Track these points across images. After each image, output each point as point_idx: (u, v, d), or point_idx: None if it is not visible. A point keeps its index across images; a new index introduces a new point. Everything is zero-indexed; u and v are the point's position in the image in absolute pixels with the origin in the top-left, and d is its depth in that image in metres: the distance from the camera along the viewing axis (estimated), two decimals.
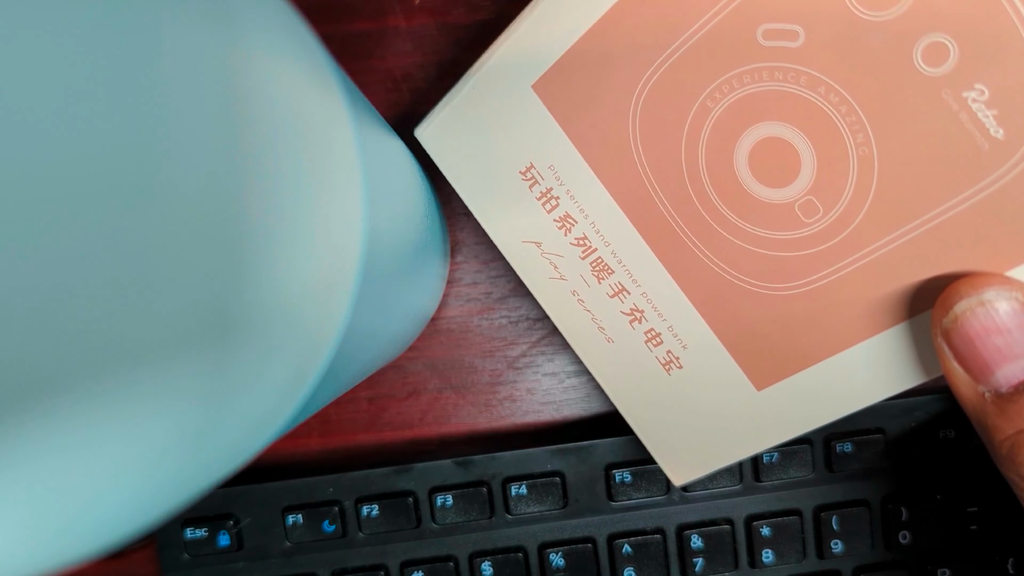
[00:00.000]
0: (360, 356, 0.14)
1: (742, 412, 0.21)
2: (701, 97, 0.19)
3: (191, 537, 0.25)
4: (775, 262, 0.19)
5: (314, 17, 0.25)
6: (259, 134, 0.08)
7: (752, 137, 0.18)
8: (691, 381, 0.21)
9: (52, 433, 0.06)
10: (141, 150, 0.06)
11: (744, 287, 0.20)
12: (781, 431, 0.21)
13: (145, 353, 0.07)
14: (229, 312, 0.08)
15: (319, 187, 0.09)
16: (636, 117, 0.19)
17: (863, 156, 0.17)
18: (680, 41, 0.18)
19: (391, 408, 0.27)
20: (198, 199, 0.07)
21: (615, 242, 0.21)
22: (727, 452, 0.22)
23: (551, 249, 0.22)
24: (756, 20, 0.18)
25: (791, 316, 0.19)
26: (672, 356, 0.21)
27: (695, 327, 0.21)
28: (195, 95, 0.07)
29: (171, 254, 0.07)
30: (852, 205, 0.18)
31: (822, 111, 0.18)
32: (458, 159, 0.22)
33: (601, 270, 0.21)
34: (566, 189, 0.21)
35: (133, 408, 0.07)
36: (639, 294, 0.21)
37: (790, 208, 0.19)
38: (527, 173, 0.21)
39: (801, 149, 0.18)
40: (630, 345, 0.22)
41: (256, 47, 0.08)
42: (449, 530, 0.25)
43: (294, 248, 0.09)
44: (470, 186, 0.22)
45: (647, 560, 0.25)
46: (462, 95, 0.21)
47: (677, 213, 0.20)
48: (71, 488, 0.07)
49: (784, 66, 0.18)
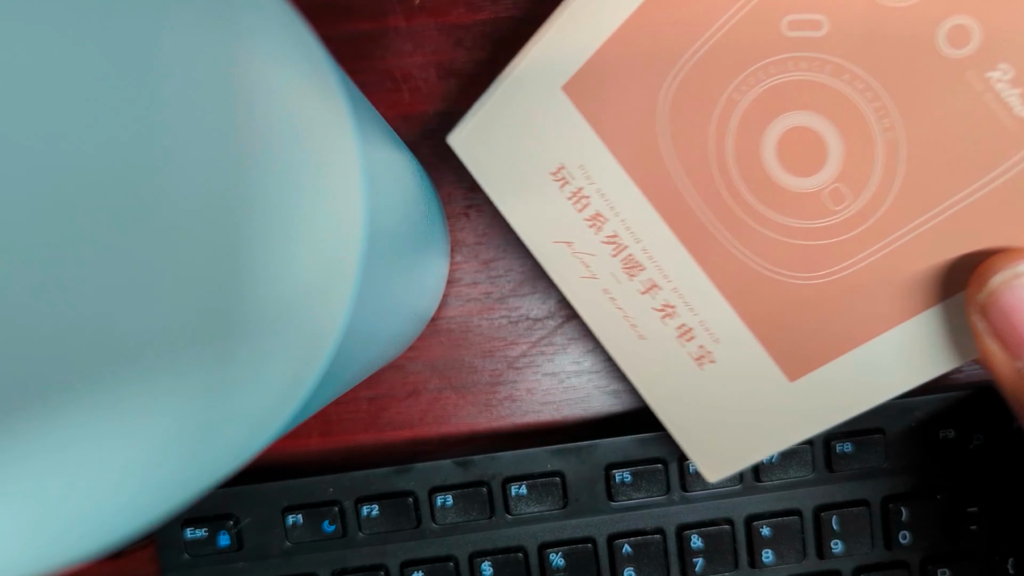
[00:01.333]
0: (360, 356, 0.14)
1: (776, 404, 0.21)
2: (727, 91, 0.19)
3: (191, 537, 0.25)
4: (805, 251, 0.19)
5: (314, 17, 0.25)
6: (259, 134, 0.08)
7: (779, 128, 0.19)
8: (724, 375, 0.21)
9: (52, 433, 0.06)
10: (141, 150, 0.06)
11: (774, 277, 0.20)
12: (816, 422, 0.21)
13: (145, 353, 0.07)
14: (229, 312, 0.08)
15: (319, 187, 0.09)
16: (665, 114, 0.20)
17: (889, 141, 0.18)
18: (705, 37, 0.19)
19: (391, 408, 0.27)
20: (198, 199, 0.07)
21: (646, 238, 0.21)
22: (762, 446, 0.22)
23: (582, 248, 0.22)
24: (780, 12, 0.18)
25: (822, 305, 0.19)
26: (704, 350, 0.21)
27: (726, 320, 0.21)
28: (195, 95, 0.07)
29: (171, 254, 0.07)
30: (880, 191, 0.18)
31: (848, 98, 0.18)
32: (490, 163, 0.22)
33: (632, 267, 0.21)
34: (597, 188, 0.21)
35: (133, 408, 0.07)
36: (670, 289, 0.21)
37: (818, 196, 0.19)
38: (558, 173, 0.21)
39: (828, 137, 0.18)
40: (662, 341, 0.22)
41: (256, 47, 0.08)
42: (449, 530, 0.25)
43: (294, 248, 0.09)
44: (501, 189, 0.22)
45: (647, 560, 0.25)
46: (493, 100, 0.21)
47: (707, 206, 0.20)
48: (71, 488, 0.07)
49: (809, 56, 0.18)
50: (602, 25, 0.19)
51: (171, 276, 0.07)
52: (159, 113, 0.07)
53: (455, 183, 0.26)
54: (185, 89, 0.07)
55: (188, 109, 0.07)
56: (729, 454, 0.22)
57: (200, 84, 0.07)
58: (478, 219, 0.26)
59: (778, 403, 0.21)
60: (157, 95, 0.07)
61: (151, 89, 0.07)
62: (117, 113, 0.06)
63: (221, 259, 0.07)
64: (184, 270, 0.07)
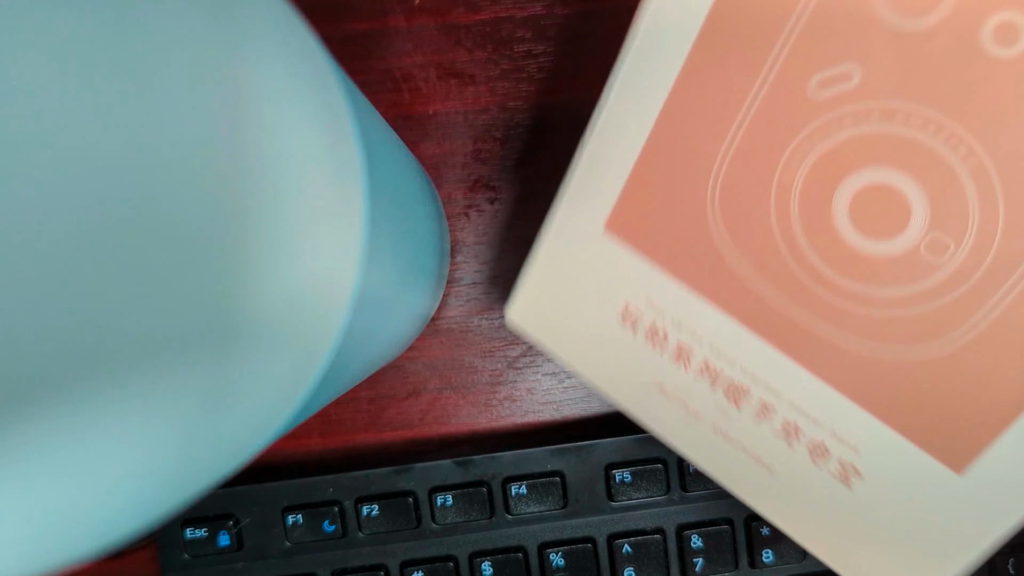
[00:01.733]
0: (360, 356, 0.14)
1: (951, 506, 0.17)
2: (776, 175, 0.17)
3: (191, 537, 0.25)
4: (921, 319, 0.17)
5: (314, 17, 0.25)
6: (259, 136, 0.08)
7: (845, 195, 0.17)
8: (878, 488, 0.18)
9: (53, 433, 0.06)
10: (142, 154, 0.06)
11: (897, 359, 0.17)
12: (1008, 514, 0.17)
13: (146, 355, 0.07)
14: (230, 313, 0.08)
15: (320, 188, 0.09)
16: (717, 219, 0.18)
17: (974, 168, 0.16)
18: (735, 127, 0.17)
19: (391, 408, 0.27)
20: (199, 200, 0.07)
21: (740, 357, 0.19)
22: (946, 559, 0.18)
23: (675, 388, 0.20)
24: (805, 76, 0.16)
25: (963, 373, 0.17)
26: (846, 465, 0.18)
27: (859, 423, 0.18)
28: (195, 96, 0.07)
29: (171, 256, 0.07)
30: (984, 224, 0.16)
31: (910, 140, 0.16)
32: (553, 327, 0.21)
33: (736, 394, 0.19)
34: (671, 318, 0.19)
35: (133, 408, 0.07)
36: (786, 406, 0.18)
37: (916, 253, 0.16)
38: (626, 315, 0.20)
39: (903, 187, 0.16)
40: (795, 469, 0.19)
41: (256, 48, 0.08)
42: (449, 530, 0.25)
43: (295, 249, 0.09)
44: (574, 350, 0.21)
45: (647, 560, 0.25)
46: (538, 263, 0.20)
47: (794, 302, 0.18)
48: (72, 488, 0.07)
49: (851, 109, 0.16)
50: (625, 153, 0.18)
51: (172, 278, 0.07)
52: (159, 115, 0.07)
53: (455, 183, 0.26)
54: (185, 90, 0.07)
55: (188, 110, 0.07)
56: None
57: (200, 85, 0.07)
58: (478, 219, 0.26)
59: (954, 504, 0.17)
60: (157, 97, 0.07)
61: (152, 91, 0.07)
62: (118, 116, 0.06)
63: (222, 260, 0.07)
64: (185, 272, 0.07)
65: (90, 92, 0.06)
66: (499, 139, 0.26)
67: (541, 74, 0.26)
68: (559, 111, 0.26)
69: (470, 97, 0.26)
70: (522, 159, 0.26)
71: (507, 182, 0.26)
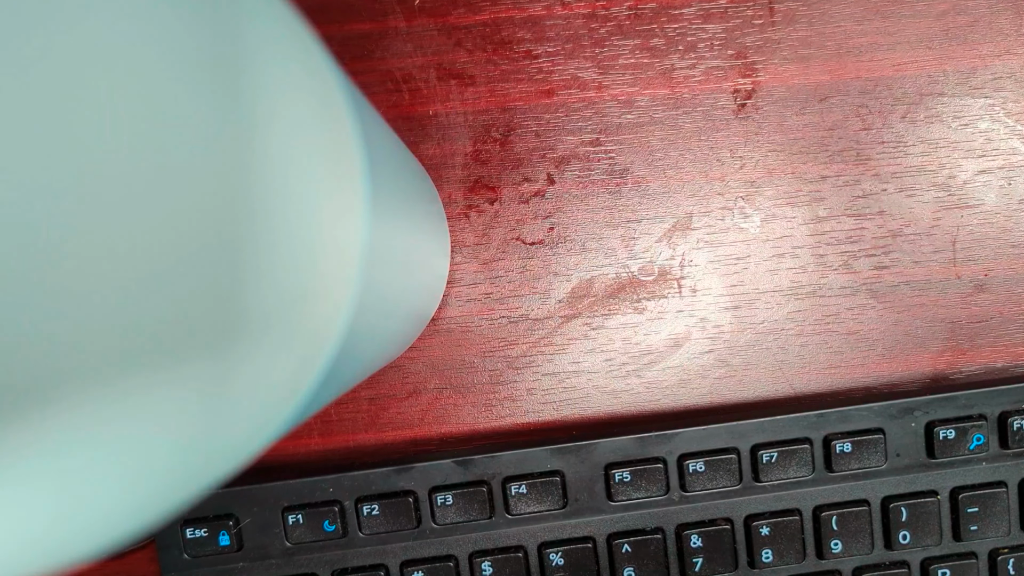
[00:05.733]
0: (361, 356, 0.14)
1: None
2: None
3: (191, 537, 0.25)
4: None
5: (314, 17, 0.25)
6: (260, 135, 0.08)
7: None
8: None
9: (52, 434, 0.06)
10: (142, 154, 0.06)
11: None
12: None
13: (146, 354, 0.07)
14: (231, 313, 0.08)
15: (321, 188, 0.09)
16: None
17: None
18: None
19: (391, 408, 0.27)
20: (199, 200, 0.07)
21: None
22: None
23: None
24: None
25: None
26: None
27: None
28: (194, 96, 0.07)
29: (172, 256, 0.07)
30: None
31: None
32: None
33: None
34: None
35: (134, 408, 0.07)
36: None
37: None
38: None
39: None
40: None
41: (256, 48, 0.08)
42: (449, 530, 0.25)
43: (296, 248, 0.09)
44: None
45: (647, 560, 0.25)
46: None
47: None
48: (72, 488, 0.07)
49: None
50: None
51: (172, 278, 0.07)
52: (159, 115, 0.07)
53: (455, 183, 0.26)
54: (184, 90, 0.07)
55: (187, 110, 0.07)
56: None
57: (199, 85, 0.07)
58: (478, 219, 0.26)
59: None
60: (156, 96, 0.07)
61: (151, 91, 0.07)
62: (118, 116, 0.06)
63: (222, 260, 0.07)
64: (185, 271, 0.07)
65: (88, 88, 0.06)
66: (499, 139, 0.26)
67: (541, 75, 0.26)
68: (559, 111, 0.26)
69: (470, 98, 0.26)
70: (522, 159, 0.26)
71: (507, 182, 0.26)
